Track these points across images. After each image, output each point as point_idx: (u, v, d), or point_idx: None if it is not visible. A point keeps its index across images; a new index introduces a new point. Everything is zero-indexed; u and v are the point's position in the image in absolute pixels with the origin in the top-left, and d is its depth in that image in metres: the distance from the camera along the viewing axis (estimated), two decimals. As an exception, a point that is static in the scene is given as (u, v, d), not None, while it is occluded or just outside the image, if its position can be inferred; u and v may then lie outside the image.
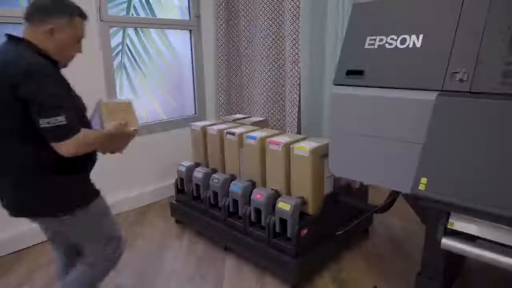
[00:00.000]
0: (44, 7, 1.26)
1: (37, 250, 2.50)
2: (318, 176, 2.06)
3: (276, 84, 3.39)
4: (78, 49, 1.38)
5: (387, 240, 2.54)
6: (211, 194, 2.42)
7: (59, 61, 1.32)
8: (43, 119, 1.14)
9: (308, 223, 2.01)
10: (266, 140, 2.19)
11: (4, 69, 1.18)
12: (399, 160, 1.63)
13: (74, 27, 1.30)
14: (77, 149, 1.21)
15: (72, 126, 1.19)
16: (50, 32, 1.25)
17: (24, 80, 1.14)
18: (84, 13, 1.36)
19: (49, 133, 1.16)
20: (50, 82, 1.18)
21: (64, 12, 1.28)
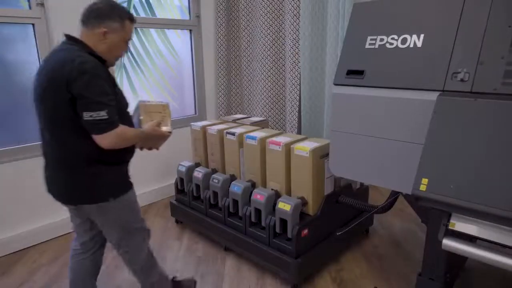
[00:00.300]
0: (98, 12, 1.38)
1: (37, 251, 2.50)
2: (319, 176, 2.05)
3: (276, 84, 3.39)
4: (125, 48, 1.49)
5: (388, 240, 2.53)
6: (211, 194, 2.42)
7: (108, 60, 1.43)
8: (87, 112, 1.26)
9: (308, 223, 2.01)
10: (266, 140, 2.18)
11: (61, 67, 1.29)
12: (399, 161, 1.63)
13: (124, 30, 1.42)
14: (114, 142, 1.33)
15: (112, 121, 1.31)
16: (103, 34, 1.38)
17: (78, 77, 1.26)
18: (133, 17, 1.48)
19: (91, 125, 1.29)
20: (99, 80, 1.29)
21: (116, 16, 1.39)
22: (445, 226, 1.33)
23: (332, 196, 2.15)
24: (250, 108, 3.65)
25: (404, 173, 1.61)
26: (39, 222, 2.60)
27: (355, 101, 1.74)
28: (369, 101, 1.70)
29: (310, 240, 2.03)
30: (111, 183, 1.45)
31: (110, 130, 1.31)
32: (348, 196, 2.20)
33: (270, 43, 3.30)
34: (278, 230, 2.02)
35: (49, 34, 2.49)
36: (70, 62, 1.28)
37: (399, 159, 1.62)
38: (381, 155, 1.70)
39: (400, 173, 1.64)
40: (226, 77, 3.56)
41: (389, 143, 1.66)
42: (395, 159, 1.64)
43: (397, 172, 1.65)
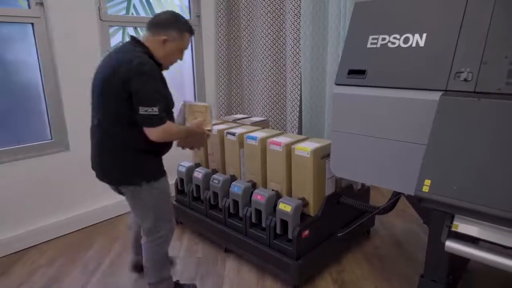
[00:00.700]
0: (163, 21, 1.58)
1: (37, 251, 2.48)
2: (320, 177, 2.03)
3: (277, 84, 3.37)
4: (180, 57, 1.69)
5: (389, 241, 2.51)
6: (211, 195, 2.40)
7: (163, 64, 1.62)
8: (142, 107, 1.44)
9: (309, 224, 1.99)
10: (266, 140, 2.16)
11: (120, 65, 1.46)
12: (401, 161, 1.61)
13: (182, 40, 1.61)
14: (162, 136, 1.52)
15: (162, 117, 1.49)
16: (163, 41, 1.56)
17: (135, 77, 1.43)
18: (193, 30, 1.67)
19: (144, 119, 1.47)
20: (154, 80, 1.48)
21: (177, 27, 1.58)
22: (448, 227, 1.31)
23: (333, 197, 2.13)
24: (251, 108, 3.63)
25: (406, 174, 1.59)
26: (39, 222, 2.59)
27: (356, 101, 1.73)
28: (370, 101, 1.68)
29: (311, 241, 2.02)
30: (146, 169, 1.62)
31: (159, 125, 1.49)
32: (349, 196, 2.19)
33: (271, 43, 3.28)
34: (279, 231, 2.01)
35: (48, 34, 2.48)
36: (128, 63, 1.45)
37: (401, 160, 1.61)
38: (382, 156, 1.68)
39: (402, 173, 1.62)
40: (227, 77, 3.54)
41: (391, 144, 1.64)
42: (397, 160, 1.63)
43: (399, 172, 1.63)
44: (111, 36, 2.83)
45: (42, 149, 2.58)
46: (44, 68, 2.52)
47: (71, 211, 2.72)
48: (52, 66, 2.54)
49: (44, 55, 2.50)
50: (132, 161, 1.59)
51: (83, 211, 2.76)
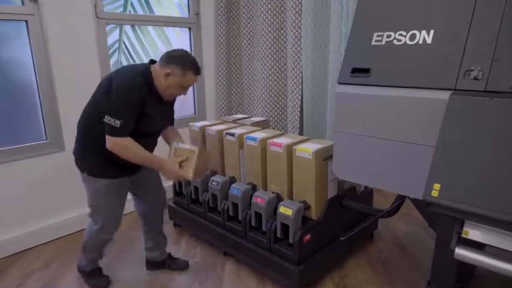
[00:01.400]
0: (171, 58, 1.69)
1: (33, 254, 2.42)
2: (322, 179, 1.97)
3: (278, 83, 3.31)
4: (182, 92, 1.79)
5: (393, 244, 2.45)
6: (210, 197, 2.33)
7: (162, 94, 1.74)
8: (108, 116, 1.60)
9: (311, 228, 1.92)
10: (267, 141, 2.10)
11: (113, 77, 1.66)
12: (407, 164, 1.54)
13: (184, 78, 1.70)
14: (113, 146, 1.63)
15: (121, 131, 1.61)
16: (166, 75, 1.68)
17: (114, 91, 1.61)
18: (197, 70, 1.74)
19: (106, 126, 1.62)
20: (127, 99, 1.61)
21: (181, 65, 1.68)
22: (458, 234, 1.25)
23: (336, 200, 2.07)
24: (251, 108, 3.57)
25: (412, 176, 1.52)
26: (35, 224, 2.53)
27: (360, 101, 1.66)
28: (375, 100, 1.61)
29: (312, 245, 1.95)
30: (91, 162, 1.77)
31: (114, 136, 1.62)
32: (352, 199, 2.12)
33: (272, 41, 3.22)
34: (279, 235, 1.94)
35: (43, 32, 2.42)
36: (119, 78, 1.64)
37: (407, 162, 1.54)
38: (387, 158, 1.61)
39: (407, 176, 1.55)
40: (226, 76, 3.48)
41: (396, 145, 1.57)
42: (402, 162, 1.56)
43: (404, 175, 1.56)
44: (107, 34, 2.76)
45: (37, 149, 2.52)
46: (38, 67, 2.45)
47: (68, 213, 2.66)
48: (47, 65, 2.48)
49: (39, 54, 2.44)
50: (85, 148, 1.79)
51: (79, 213, 2.69)
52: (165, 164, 1.76)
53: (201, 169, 1.84)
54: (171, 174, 1.77)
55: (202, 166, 1.83)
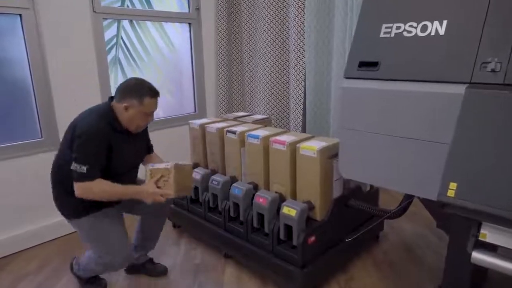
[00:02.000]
0: (124, 90, 1.69)
1: (25, 257, 2.34)
2: (327, 178, 1.89)
3: (280, 80, 3.23)
4: (147, 120, 1.77)
5: (399, 246, 2.37)
6: (210, 197, 2.25)
7: (128, 128, 1.73)
8: (74, 163, 1.59)
9: (315, 229, 1.84)
10: (269, 139, 2.02)
11: (76, 124, 1.66)
12: (419, 162, 1.46)
13: (142, 105, 1.69)
14: (80, 192, 1.62)
15: (87, 176, 1.59)
16: (125, 108, 1.68)
17: (76, 138, 1.61)
18: (154, 94, 1.73)
19: (72, 173, 1.60)
20: (90, 143, 1.61)
21: (136, 95, 1.67)
22: (475, 237, 1.17)
23: (341, 200, 1.99)
24: (252, 106, 3.49)
25: (424, 175, 1.44)
26: (28, 225, 2.45)
27: (368, 96, 1.58)
28: (384, 95, 1.53)
29: (317, 247, 1.87)
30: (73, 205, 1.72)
31: (79, 181, 1.60)
32: (358, 199, 2.03)
33: (274, 37, 3.14)
34: (283, 236, 1.86)
35: (37, 26, 2.34)
36: (82, 124, 1.65)
37: (419, 160, 1.46)
38: (397, 156, 1.53)
39: (419, 175, 1.47)
40: (227, 73, 3.40)
41: (407, 143, 1.49)
42: (413, 160, 1.47)
43: (415, 174, 1.48)
44: (105, 29, 2.68)
45: (32, 148, 2.44)
46: (33, 63, 2.37)
47: (63, 214, 2.58)
48: (42, 61, 2.40)
49: (33, 49, 2.36)
50: (61, 195, 1.75)
51: (75, 213, 2.61)
52: (142, 189, 1.71)
53: (184, 184, 1.79)
54: (150, 197, 1.70)
55: (184, 181, 1.78)
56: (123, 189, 1.69)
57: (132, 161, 1.85)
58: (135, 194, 1.71)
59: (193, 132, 2.55)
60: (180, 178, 1.73)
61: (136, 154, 1.87)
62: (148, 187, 1.70)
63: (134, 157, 1.85)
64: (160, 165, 1.75)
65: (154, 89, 1.73)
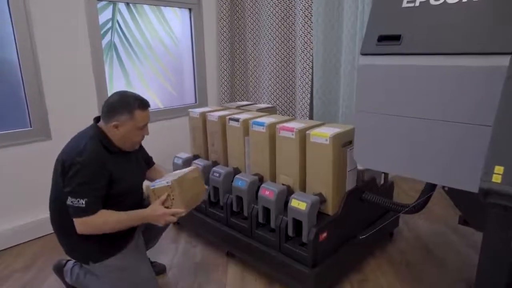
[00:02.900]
0: (110, 108, 1.50)
1: (12, 253, 2.18)
2: (340, 168, 1.71)
3: (286, 68, 3.05)
4: (142, 134, 1.59)
5: (416, 244, 2.18)
6: (211, 190, 2.08)
7: (123, 147, 1.55)
8: (70, 198, 1.41)
9: (327, 225, 1.67)
10: (276, 126, 1.84)
11: (64, 159, 1.46)
12: (449, 147, 1.28)
13: (134, 120, 1.51)
14: (83, 228, 1.43)
15: (88, 210, 1.41)
16: (115, 127, 1.50)
17: (68, 169, 1.42)
18: (144, 104, 1.54)
19: (70, 209, 1.42)
20: (86, 172, 1.41)
21: (125, 110, 1.49)
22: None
23: (355, 193, 1.81)
24: (257, 95, 3.31)
25: (455, 162, 1.26)
26: (15, 221, 2.28)
27: (389, 73, 1.40)
28: (407, 72, 1.35)
29: (329, 245, 1.69)
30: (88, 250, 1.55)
31: (80, 217, 1.42)
32: (372, 192, 1.86)
33: (279, 22, 2.96)
34: (291, 233, 1.68)
35: (26, 7, 2.16)
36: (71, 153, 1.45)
37: (449, 145, 1.28)
38: (423, 141, 1.35)
39: (449, 162, 1.29)
40: (230, 61, 3.22)
41: (434, 125, 1.31)
42: (442, 145, 1.30)
43: (445, 161, 1.30)
44: (99, 11, 2.51)
45: (20, 137, 2.27)
46: (21, 48, 2.20)
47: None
48: (31, 46, 2.23)
49: (21, 33, 2.18)
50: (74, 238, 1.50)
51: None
52: (148, 213, 1.52)
53: (193, 192, 1.61)
54: (162, 219, 1.50)
55: (192, 189, 1.60)
56: (129, 216, 1.50)
57: (136, 181, 1.67)
58: (143, 219, 1.53)
59: (193, 122, 2.38)
60: (186, 190, 1.56)
61: (138, 172, 1.70)
62: (156, 209, 1.50)
63: (137, 177, 1.68)
64: (161, 182, 1.55)
65: (143, 100, 1.54)
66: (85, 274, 1.71)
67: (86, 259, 1.59)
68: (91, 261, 1.58)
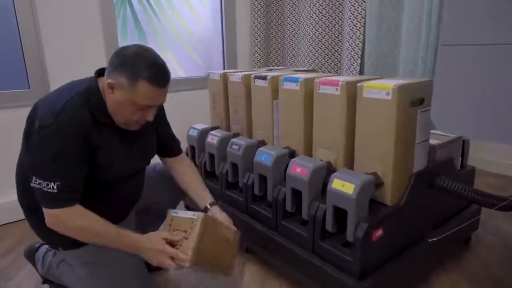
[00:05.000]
0: (115, 58, 1.05)
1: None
2: (406, 138, 1.18)
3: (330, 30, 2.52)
4: (139, 116, 1.10)
5: (501, 254, 1.60)
6: (228, 167, 1.63)
7: (114, 119, 1.11)
8: (34, 178, 1.02)
9: (384, 219, 1.15)
10: (315, 80, 1.34)
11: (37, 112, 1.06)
12: None
13: (134, 91, 1.04)
14: (53, 222, 1.05)
15: (61, 199, 1.02)
16: (110, 87, 1.05)
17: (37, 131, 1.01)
18: (157, 80, 1.04)
19: (36, 193, 1.03)
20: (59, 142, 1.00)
21: (128, 72, 1.02)
22: None
23: (425, 176, 1.27)
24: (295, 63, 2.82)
25: None
26: (5, 196, 1.97)
27: None
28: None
29: (385, 248, 1.18)
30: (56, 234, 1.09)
31: (50, 208, 1.02)
32: (449, 178, 1.30)
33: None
34: (330, 227, 1.19)
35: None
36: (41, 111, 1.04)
37: None
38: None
39: None
40: (265, 26, 2.75)
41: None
42: None
43: None
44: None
45: (16, 99, 1.97)
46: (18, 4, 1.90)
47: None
48: (30, 0, 1.91)
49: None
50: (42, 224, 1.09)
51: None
52: (142, 241, 1.09)
53: (214, 253, 1.14)
54: (156, 256, 1.07)
55: (215, 248, 1.14)
56: (117, 234, 1.08)
57: (128, 169, 1.21)
58: (133, 247, 1.10)
59: (213, 85, 1.94)
60: (211, 240, 1.11)
61: (136, 158, 1.23)
62: (155, 241, 1.08)
63: (131, 163, 1.21)
64: (188, 212, 1.12)
65: (158, 73, 1.05)
66: (58, 264, 1.32)
67: (55, 244, 1.22)
68: (60, 247, 1.20)
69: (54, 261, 1.33)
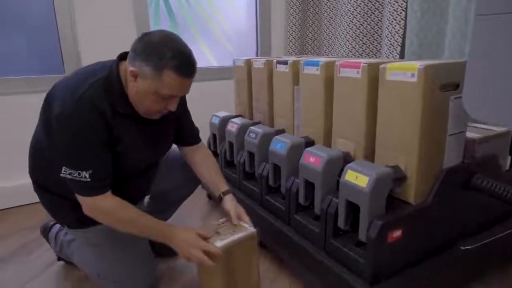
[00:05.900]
0: (140, 45, 1.00)
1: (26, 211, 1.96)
2: (435, 127, 1.03)
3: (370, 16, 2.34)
4: (162, 106, 1.06)
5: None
6: (246, 157, 1.56)
7: (136, 109, 1.08)
8: (65, 168, 1.01)
9: (404, 218, 1.01)
10: (335, 63, 1.22)
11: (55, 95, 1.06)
12: None
13: (159, 81, 1.00)
14: (88, 210, 1.06)
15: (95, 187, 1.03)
16: (133, 75, 1.02)
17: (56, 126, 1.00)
18: (183, 69, 1.00)
19: (70, 183, 1.04)
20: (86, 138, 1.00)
21: (153, 60, 0.98)
22: None
23: (458, 173, 1.10)
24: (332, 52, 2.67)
25: None
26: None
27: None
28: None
29: (404, 251, 1.04)
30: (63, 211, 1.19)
31: (87, 196, 1.04)
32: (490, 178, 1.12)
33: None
34: (342, 224, 1.07)
35: None
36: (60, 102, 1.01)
37: None
38: None
39: None
40: (301, 13, 2.63)
41: None
42: None
43: None
44: None
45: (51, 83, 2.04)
46: None
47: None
48: None
49: None
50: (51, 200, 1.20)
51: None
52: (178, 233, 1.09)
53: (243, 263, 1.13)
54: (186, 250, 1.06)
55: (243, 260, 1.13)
56: (151, 223, 1.09)
57: (146, 159, 1.22)
58: (167, 238, 1.10)
59: (238, 73, 1.88)
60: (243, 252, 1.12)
61: (153, 148, 1.22)
62: (191, 237, 1.07)
63: (149, 153, 1.21)
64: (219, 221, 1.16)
65: (185, 62, 1.00)
66: (68, 243, 1.34)
67: (62, 222, 1.26)
68: (66, 225, 1.23)
69: (65, 240, 1.35)
